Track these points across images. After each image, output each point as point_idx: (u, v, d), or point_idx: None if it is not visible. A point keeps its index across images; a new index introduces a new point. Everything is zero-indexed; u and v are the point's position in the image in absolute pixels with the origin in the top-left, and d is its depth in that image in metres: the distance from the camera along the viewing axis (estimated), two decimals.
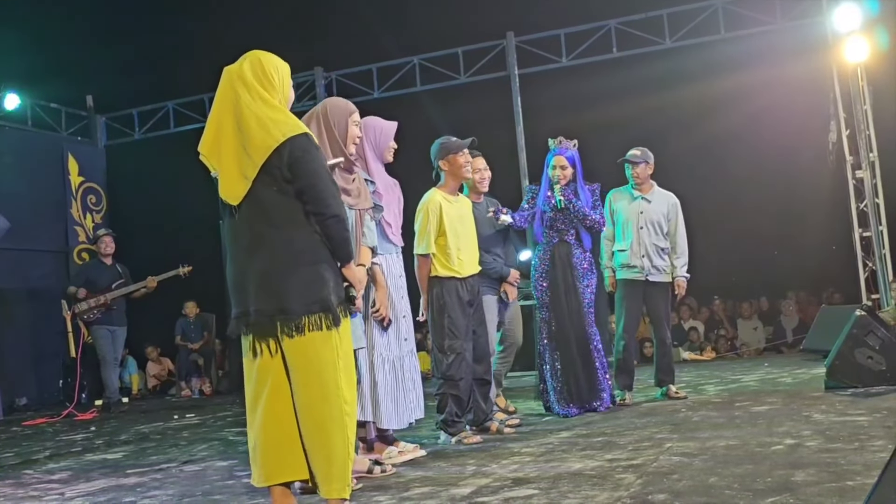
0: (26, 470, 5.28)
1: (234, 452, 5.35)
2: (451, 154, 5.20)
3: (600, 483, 3.38)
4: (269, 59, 3.27)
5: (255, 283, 3.12)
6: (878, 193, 9.41)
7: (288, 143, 3.08)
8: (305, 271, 3.10)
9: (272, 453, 3.15)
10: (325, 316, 3.09)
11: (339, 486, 3.08)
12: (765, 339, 11.15)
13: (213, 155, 3.19)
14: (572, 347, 5.76)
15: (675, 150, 10.20)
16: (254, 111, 3.13)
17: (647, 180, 6.46)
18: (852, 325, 5.75)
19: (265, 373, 3.16)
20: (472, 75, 11.35)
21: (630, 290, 6.38)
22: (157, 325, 11.92)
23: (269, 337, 3.12)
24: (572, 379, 5.75)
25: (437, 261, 5.07)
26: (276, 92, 3.22)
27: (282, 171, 3.08)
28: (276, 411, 3.14)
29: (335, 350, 3.12)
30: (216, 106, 3.23)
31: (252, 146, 3.09)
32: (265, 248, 3.11)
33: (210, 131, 3.21)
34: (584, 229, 5.90)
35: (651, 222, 6.37)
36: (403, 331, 4.60)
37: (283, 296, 3.08)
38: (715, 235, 10.84)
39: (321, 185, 3.12)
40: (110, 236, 9.53)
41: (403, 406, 4.50)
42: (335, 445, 3.08)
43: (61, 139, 12.50)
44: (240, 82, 3.18)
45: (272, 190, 3.10)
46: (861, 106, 9.38)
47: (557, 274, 5.83)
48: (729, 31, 10.38)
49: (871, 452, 3.49)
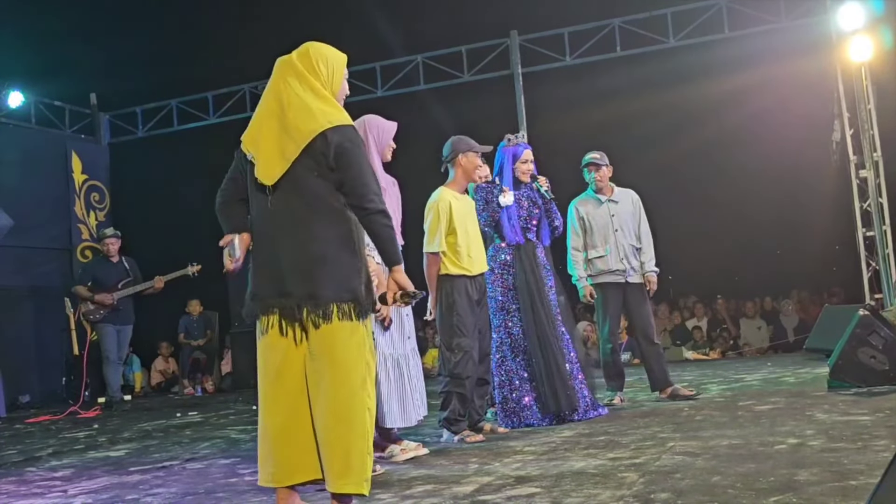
0: (29, 467, 5.29)
1: (237, 450, 5.35)
2: (472, 151, 5.20)
3: (603, 482, 3.37)
4: (318, 50, 3.24)
5: (288, 266, 3.04)
6: (882, 193, 9.39)
7: (336, 131, 3.04)
8: (340, 260, 3.04)
9: (285, 453, 3.05)
10: (354, 306, 3.03)
11: (356, 479, 2.98)
12: (769, 339, 11.14)
13: (253, 143, 3.14)
14: (547, 353, 5.37)
15: (678, 150, 10.22)
16: (302, 97, 3.09)
17: (608, 182, 6.43)
18: (855, 324, 5.74)
19: (285, 365, 3.05)
20: (475, 74, 11.36)
21: (611, 293, 6.31)
22: (167, 323, 11.94)
23: (296, 323, 3.03)
24: (549, 388, 5.34)
25: (448, 259, 5.06)
26: (323, 84, 3.18)
27: (327, 158, 3.03)
28: (293, 405, 3.05)
29: (363, 342, 3.06)
30: (265, 95, 3.20)
31: (296, 129, 3.04)
32: (301, 232, 3.04)
33: (255, 122, 3.17)
34: (545, 226, 5.64)
35: (623, 224, 6.35)
36: (407, 328, 4.60)
37: (315, 281, 3.01)
38: (719, 234, 10.86)
39: (366, 180, 3.07)
40: (115, 237, 9.47)
41: (410, 404, 4.50)
42: (357, 438, 2.99)
43: (65, 137, 12.53)
44: (291, 71, 3.16)
45: (313, 175, 3.04)
46: (865, 105, 9.36)
47: (527, 276, 5.47)
48: (733, 30, 10.38)
49: (874, 452, 3.48)
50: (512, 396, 5.43)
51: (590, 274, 6.36)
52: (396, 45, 11.50)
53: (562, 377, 5.36)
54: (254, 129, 3.17)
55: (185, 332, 11.84)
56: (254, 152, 3.13)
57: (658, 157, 6.56)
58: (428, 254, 5.09)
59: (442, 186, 5.24)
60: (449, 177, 5.28)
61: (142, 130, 13.03)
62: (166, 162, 12.03)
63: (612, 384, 6.29)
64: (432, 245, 5.06)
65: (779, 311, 11.35)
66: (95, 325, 9.21)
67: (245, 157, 3.17)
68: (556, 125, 10.42)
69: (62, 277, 11.50)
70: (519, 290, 5.48)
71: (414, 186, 5.01)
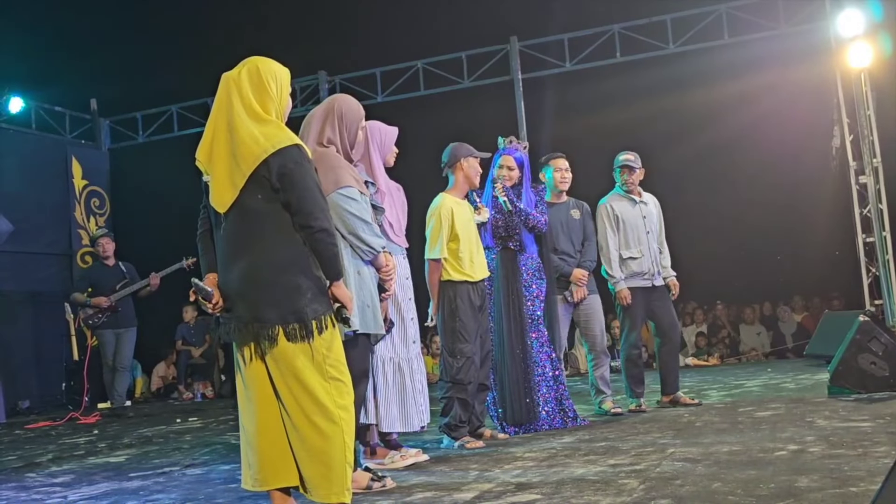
0: (29, 473, 5.28)
1: (237, 456, 5.30)
2: (472, 157, 5.21)
3: (603, 488, 3.37)
4: (268, 67, 3.25)
5: (235, 291, 3.13)
6: (882, 199, 9.39)
7: (278, 155, 3.07)
8: (283, 281, 3.09)
9: (265, 458, 3.15)
10: (300, 327, 3.06)
11: (338, 489, 3.07)
12: (769, 345, 11.14)
13: (208, 161, 3.19)
14: (509, 364, 5.37)
15: (679, 156, 10.22)
16: (244, 121, 3.12)
17: (638, 185, 6.42)
18: (855, 330, 5.74)
19: (251, 380, 3.15)
20: (475, 79, 11.38)
21: (639, 297, 6.21)
22: (172, 329, 11.94)
23: (251, 343, 3.10)
24: (508, 397, 5.36)
25: (450, 265, 5.06)
26: (273, 101, 3.22)
27: (270, 180, 3.08)
28: (265, 417, 3.14)
29: (319, 359, 3.09)
30: (213, 112, 3.23)
31: (241, 157, 3.08)
32: (246, 256, 3.11)
33: (206, 137, 3.21)
34: (526, 231, 5.56)
35: (652, 226, 6.34)
36: (411, 333, 4.59)
37: (259, 304, 3.08)
38: (718, 240, 10.84)
39: (309, 198, 3.11)
40: (107, 237, 9.50)
41: (413, 409, 4.49)
42: (334, 450, 3.07)
43: (65, 142, 12.53)
44: (235, 90, 3.18)
45: (257, 198, 3.09)
46: (864, 111, 9.37)
47: (502, 283, 5.46)
48: (732, 37, 10.40)
49: (875, 458, 3.48)
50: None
51: (624, 277, 6.23)
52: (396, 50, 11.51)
53: (519, 389, 5.35)
54: (206, 146, 3.20)
55: (182, 338, 11.84)
56: (210, 174, 3.19)
57: (658, 163, 6.55)
58: (430, 260, 5.09)
59: (443, 192, 5.24)
60: (449, 183, 5.28)
61: (142, 136, 13.05)
62: (166, 167, 12.02)
63: (638, 390, 6.18)
64: (434, 251, 5.06)
65: (778, 318, 11.35)
66: (95, 330, 9.20)
67: (203, 176, 3.24)
68: (556, 131, 10.42)
69: (62, 283, 11.50)
70: (494, 296, 5.48)
71: (414, 191, 5.01)
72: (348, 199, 3.77)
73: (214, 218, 3.24)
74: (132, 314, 9.35)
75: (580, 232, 6.12)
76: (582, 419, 5.58)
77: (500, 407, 5.42)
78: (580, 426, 5.45)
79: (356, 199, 3.80)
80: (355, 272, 3.79)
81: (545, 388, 5.45)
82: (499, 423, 5.42)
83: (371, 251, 3.85)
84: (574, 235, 6.10)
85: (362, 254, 3.83)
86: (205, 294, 3.17)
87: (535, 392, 5.39)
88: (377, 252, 3.88)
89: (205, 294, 3.17)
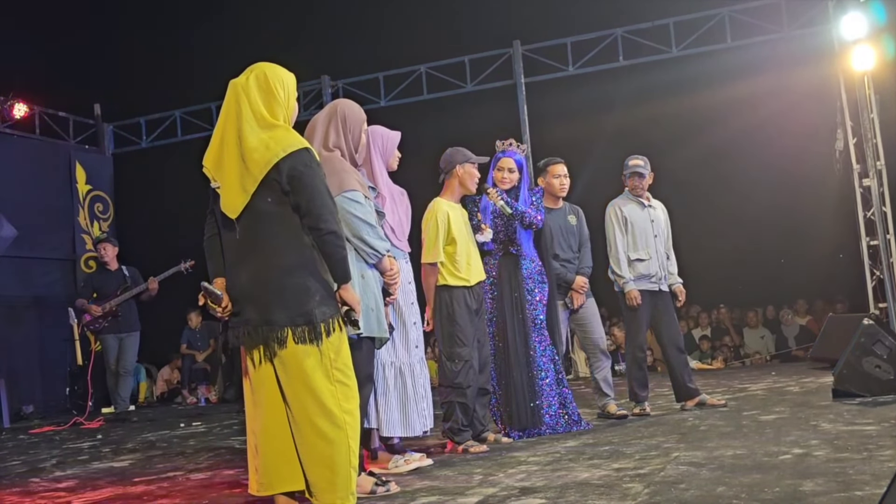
0: (33, 478, 5.28)
1: (241, 461, 5.33)
2: (469, 162, 5.21)
3: (607, 492, 3.37)
4: (275, 73, 3.28)
5: (244, 294, 3.15)
6: (886, 202, 9.38)
7: (289, 158, 3.10)
8: (292, 283, 3.11)
9: (270, 463, 3.17)
10: (308, 329, 3.09)
11: (343, 494, 3.10)
12: (774, 348, 11.13)
13: (216, 168, 3.21)
14: (513, 368, 5.37)
15: (682, 159, 10.22)
16: (253, 128, 3.14)
17: (646, 190, 6.43)
18: (860, 333, 5.73)
19: (259, 384, 3.17)
20: (478, 84, 11.39)
21: (646, 300, 6.19)
22: (176, 334, 11.95)
23: (260, 346, 3.12)
24: (513, 401, 5.37)
25: (446, 269, 5.06)
26: (281, 106, 3.24)
27: (281, 184, 3.10)
28: (272, 421, 3.15)
29: (326, 363, 3.11)
30: (221, 119, 3.24)
31: (252, 161, 3.11)
32: (255, 259, 3.13)
33: (214, 144, 3.23)
34: (522, 232, 5.52)
35: (660, 231, 6.34)
36: (414, 338, 4.58)
37: (269, 307, 3.10)
38: (721, 243, 10.85)
39: (319, 201, 3.13)
40: (108, 242, 9.48)
41: (415, 413, 4.47)
42: (338, 454, 3.09)
43: (69, 147, 12.55)
44: (244, 96, 3.20)
45: (267, 202, 3.12)
46: (868, 114, 9.36)
47: (504, 288, 5.46)
48: (735, 40, 10.40)
49: (880, 462, 3.47)
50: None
51: (633, 278, 6.21)
52: (399, 54, 11.53)
53: (524, 393, 5.36)
54: (214, 153, 3.22)
55: (186, 343, 11.85)
56: (219, 181, 3.20)
57: (661, 166, 6.54)
58: (426, 264, 5.09)
59: (437, 197, 5.24)
60: (445, 187, 5.28)
61: (145, 141, 13.07)
62: (170, 172, 12.06)
63: (642, 394, 6.16)
64: (430, 255, 5.07)
65: (779, 322, 11.34)
66: (98, 335, 9.20)
67: (210, 183, 3.25)
68: (559, 135, 10.43)
69: (66, 288, 11.52)
70: (496, 302, 5.48)
71: (417, 196, 5.00)
72: (353, 203, 3.78)
73: (223, 223, 3.25)
74: (135, 319, 9.34)
75: (577, 237, 6.13)
76: (586, 423, 5.58)
77: (504, 411, 5.42)
78: (584, 430, 5.45)
79: (361, 203, 3.82)
80: (359, 275, 3.79)
81: (549, 392, 5.45)
82: (502, 427, 5.43)
83: (375, 254, 3.86)
84: (572, 241, 6.10)
85: (366, 257, 3.85)
86: (214, 298, 3.18)
87: (539, 396, 5.40)
88: (381, 255, 3.89)
89: (214, 298, 3.18)
